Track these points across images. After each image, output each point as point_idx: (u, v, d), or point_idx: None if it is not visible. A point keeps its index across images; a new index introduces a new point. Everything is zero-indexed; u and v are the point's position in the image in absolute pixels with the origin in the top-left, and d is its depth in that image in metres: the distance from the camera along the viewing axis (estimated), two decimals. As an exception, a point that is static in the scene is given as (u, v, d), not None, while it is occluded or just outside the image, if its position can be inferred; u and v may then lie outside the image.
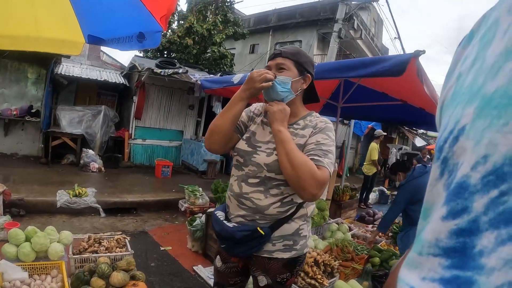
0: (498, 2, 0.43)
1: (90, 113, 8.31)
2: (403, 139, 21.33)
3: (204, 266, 3.68)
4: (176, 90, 9.46)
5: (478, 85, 0.38)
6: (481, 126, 0.35)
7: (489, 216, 0.33)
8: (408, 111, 4.95)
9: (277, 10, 17.14)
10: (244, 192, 1.57)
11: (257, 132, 1.64)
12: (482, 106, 0.36)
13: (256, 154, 1.56)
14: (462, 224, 0.35)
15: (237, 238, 1.53)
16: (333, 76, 3.48)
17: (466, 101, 0.39)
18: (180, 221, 5.34)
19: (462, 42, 0.50)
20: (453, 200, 0.37)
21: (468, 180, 0.36)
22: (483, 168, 0.34)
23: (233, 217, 1.63)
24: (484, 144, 0.35)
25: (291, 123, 1.60)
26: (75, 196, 5.09)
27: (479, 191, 0.34)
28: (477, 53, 0.42)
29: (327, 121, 1.61)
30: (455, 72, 0.47)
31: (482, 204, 0.34)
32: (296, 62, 1.58)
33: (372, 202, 8.88)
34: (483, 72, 0.39)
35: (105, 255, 3.03)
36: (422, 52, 2.59)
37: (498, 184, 0.33)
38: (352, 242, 4.07)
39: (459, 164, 0.38)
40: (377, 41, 18.41)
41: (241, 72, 11.27)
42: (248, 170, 1.58)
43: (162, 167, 8.02)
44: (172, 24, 12.70)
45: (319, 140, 1.51)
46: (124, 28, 2.31)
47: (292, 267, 1.62)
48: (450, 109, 0.43)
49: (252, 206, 1.55)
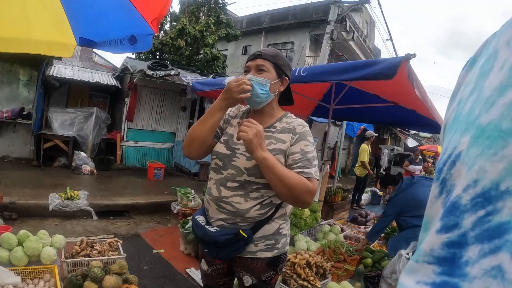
0: (499, 29, 0.46)
1: (82, 115, 8.27)
2: (395, 140, 21.50)
3: (197, 269, 3.67)
4: (168, 92, 9.44)
5: (474, 115, 0.42)
6: (474, 153, 0.39)
7: (476, 232, 0.37)
8: (400, 113, 4.98)
9: (269, 12, 17.14)
10: (223, 196, 1.57)
11: (235, 134, 1.59)
12: (477, 136, 0.40)
13: (236, 158, 1.57)
14: (453, 237, 0.40)
15: (219, 242, 1.55)
16: (324, 79, 3.50)
17: (464, 129, 0.43)
18: (172, 224, 5.32)
19: (465, 66, 0.53)
20: (447, 216, 0.41)
21: (460, 200, 0.40)
22: (473, 190, 0.38)
23: (214, 221, 1.63)
24: (475, 170, 0.39)
25: (268, 126, 1.62)
26: (67, 199, 5.06)
27: (468, 210, 0.39)
28: (476, 82, 0.46)
29: (304, 124, 1.64)
30: (457, 97, 0.50)
31: (470, 221, 0.38)
32: (275, 64, 1.60)
33: (364, 203, 8.93)
34: (480, 104, 0.42)
35: (98, 259, 3.02)
36: (413, 56, 2.61)
37: (485, 205, 0.37)
38: (344, 243, 4.10)
39: (454, 185, 0.42)
40: (369, 42, 18.50)
41: (233, 73, 11.30)
42: (227, 174, 1.58)
43: (154, 169, 7.99)
44: (165, 25, 12.66)
45: (303, 149, 1.54)
46: (115, 31, 2.31)
47: (275, 266, 1.66)
48: (450, 133, 0.47)
49: (232, 210, 1.56)
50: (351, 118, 7.23)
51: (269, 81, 1.57)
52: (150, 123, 9.41)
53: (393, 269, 3.16)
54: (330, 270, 3.36)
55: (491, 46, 0.46)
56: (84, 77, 8.80)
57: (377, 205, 9.06)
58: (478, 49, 0.50)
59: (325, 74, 3.37)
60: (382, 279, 3.26)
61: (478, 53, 0.50)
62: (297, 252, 3.39)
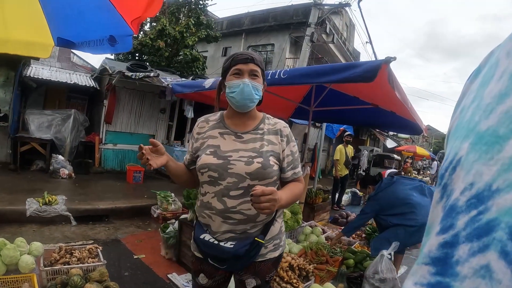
0: (503, 41, 0.47)
1: (60, 117, 8.06)
2: (374, 140, 21.83)
3: (179, 274, 3.62)
4: (147, 94, 9.32)
5: (474, 122, 0.44)
6: (472, 158, 0.41)
7: (467, 231, 0.38)
8: (379, 114, 5.05)
9: (250, 14, 17.15)
10: (230, 206, 1.53)
11: (221, 144, 1.61)
12: (475, 142, 0.42)
13: (232, 165, 1.54)
14: (447, 237, 0.41)
15: (241, 255, 1.54)
16: (304, 82, 3.51)
17: (464, 136, 0.45)
18: (153, 228, 5.23)
19: (470, 76, 0.54)
20: (445, 219, 0.43)
21: (457, 202, 0.41)
22: (469, 193, 0.40)
23: (220, 235, 1.58)
24: (472, 173, 0.40)
25: (254, 128, 1.66)
26: (45, 204, 4.90)
27: (463, 211, 0.40)
28: (477, 91, 0.48)
29: (286, 125, 1.72)
30: (461, 105, 0.52)
31: (463, 221, 0.39)
32: (262, 71, 1.66)
33: (345, 204, 9.01)
34: (480, 111, 0.44)
35: (77, 266, 2.94)
36: (393, 59, 2.64)
37: (477, 205, 0.38)
38: (326, 245, 4.11)
39: (453, 190, 0.43)
40: (349, 45, 18.75)
41: (213, 75, 11.25)
42: (226, 183, 1.54)
43: (133, 173, 7.87)
44: (144, 26, 12.53)
45: (292, 150, 1.67)
46: (94, 31, 2.25)
47: (277, 264, 1.74)
48: (452, 140, 0.49)
49: (243, 218, 1.54)
50: (331, 120, 7.27)
51: (262, 86, 1.65)
52: (129, 126, 9.25)
53: (375, 269, 3.19)
54: (312, 272, 3.36)
55: (493, 57, 0.48)
56: (61, 78, 8.59)
57: (358, 205, 9.15)
58: (483, 60, 0.52)
59: (306, 76, 3.38)
60: (365, 279, 3.28)
61: (482, 63, 0.52)
62: (279, 255, 3.38)
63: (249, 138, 1.61)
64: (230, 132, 1.63)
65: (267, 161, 1.54)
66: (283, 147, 1.63)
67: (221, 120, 1.71)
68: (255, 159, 1.53)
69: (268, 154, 1.57)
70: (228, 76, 1.63)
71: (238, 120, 1.66)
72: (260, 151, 1.56)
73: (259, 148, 1.57)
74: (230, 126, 1.66)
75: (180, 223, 3.93)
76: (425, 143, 40.07)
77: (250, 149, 1.57)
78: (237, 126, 1.66)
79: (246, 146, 1.58)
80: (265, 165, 1.53)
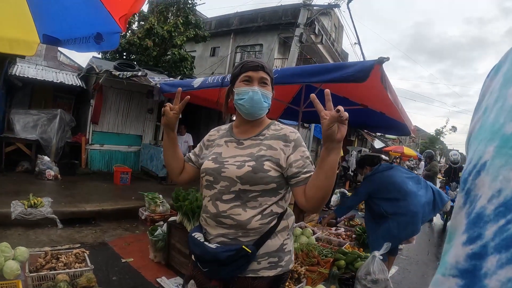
0: None
1: (46, 117, 7.88)
2: (362, 141, 21.97)
3: (168, 278, 3.55)
4: (135, 94, 9.20)
5: (499, 124, 0.42)
6: (499, 164, 0.39)
7: (495, 241, 0.37)
8: (368, 115, 5.06)
9: (239, 14, 17.12)
10: (221, 210, 1.51)
11: (223, 151, 1.62)
12: (501, 146, 0.40)
13: (225, 168, 1.52)
14: (476, 249, 0.39)
15: (221, 259, 1.45)
16: (295, 81, 3.49)
17: (488, 139, 0.43)
18: (141, 230, 5.14)
19: (490, 74, 0.53)
20: (472, 228, 0.41)
21: (484, 211, 0.40)
22: (497, 200, 0.38)
23: (213, 238, 1.54)
24: (500, 180, 0.38)
25: (256, 134, 1.62)
26: (30, 206, 4.75)
27: (491, 220, 0.38)
28: (500, 90, 0.46)
29: (295, 131, 1.62)
30: (483, 105, 0.50)
31: (492, 231, 0.38)
32: (271, 79, 1.65)
33: (334, 204, 9.02)
34: (504, 112, 0.43)
35: (64, 272, 2.86)
36: (386, 59, 2.64)
37: (506, 214, 0.37)
38: (317, 246, 4.09)
39: (478, 195, 0.41)
40: (338, 46, 18.84)
41: (201, 75, 11.18)
42: (220, 187, 1.52)
43: (120, 174, 7.74)
44: (132, 25, 12.38)
45: (302, 155, 1.53)
46: (81, 28, 2.18)
47: (276, 286, 1.56)
48: (475, 143, 0.47)
49: (233, 223, 1.49)
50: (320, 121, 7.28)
51: (271, 94, 1.63)
52: (116, 126, 9.11)
53: (367, 270, 3.18)
54: (304, 274, 3.33)
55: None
56: (48, 77, 8.44)
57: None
58: (503, 57, 0.50)
59: (297, 76, 3.36)
60: (357, 280, 3.27)
61: (502, 60, 0.50)
62: (270, 257, 3.34)
63: (249, 144, 1.59)
64: (233, 140, 1.64)
65: (260, 165, 1.48)
66: (288, 153, 1.53)
67: (230, 129, 1.72)
68: (247, 163, 1.49)
69: (263, 158, 1.50)
70: (237, 83, 1.61)
71: (244, 128, 1.66)
72: (255, 156, 1.52)
73: (255, 152, 1.53)
74: (236, 134, 1.66)
75: (169, 226, 3.86)
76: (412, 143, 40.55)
77: (246, 154, 1.54)
78: (242, 133, 1.65)
79: (244, 151, 1.56)
80: (256, 169, 1.47)
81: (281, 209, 1.57)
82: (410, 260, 5.30)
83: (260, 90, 1.57)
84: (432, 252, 6.00)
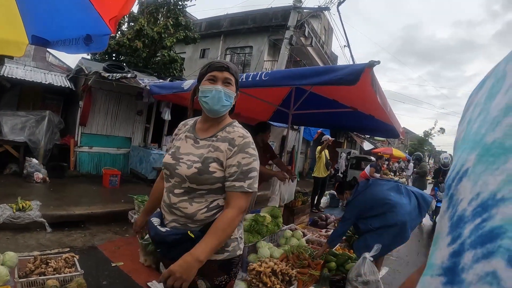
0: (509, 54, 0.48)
1: (34, 118, 7.77)
2: (351, 143, 22.11)
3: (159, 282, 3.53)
4: (124, 95, 9.12)
5: (481, 134, 0.45)
6: (479, 170, 0.42)
7: (471, 238, 0.40)
8: (357, 118, 5.10)
9: (229, 15, 17.11)
10: (172, 202, 1.67)
11: (181, 146, 1.75)
12: (482, 154, 0.43)
13: (179, 166, 1.66)
14: (456, 247, 0.42)
15: (168, 241, 1.62)
16: (286, 84, 3.50)
17: (471, 148, 0.46)
18: (130, 234, 5.07)
19: (476, 89, 0.55)
20: (454, 230, 0.43)
21: (465, 213, 0.42)
22: (475, 202, 0.41)
23: (168, 223, 1.72)
24: (479, 184, 0.41)
25: (211, 135, 1.72)
26: (18, 210, 4.67)
27: (469, 220, 0.41)
28: (484, 104, 0.49)
29: (245, 136, 1.69)
30: (467, 117, 0.54)
31: (469, 229, 0.40)
32: (236, 80, 1.76)
33: (324, 206, 9.06)
34: (486, 123, 0.45)
35: (54, 277, 2.82)
36: (377, 63, 2.65)
37: (482, 213, 0.39)
38: (307, 248, 4.10)
39: (459, 199, 0.44)
40: (327, 48, 18.94)
41: (191, 77, 11.13)
42: (174, 182, 1.69)
43: (110, 176, 7.67)
44: (122, 26, 12.27)
45: (239, 161, 1.62)
46: (70, 29, 2.16)
47: (228, 269, 1.72)
48: (459, 151, 0.50)
49: (181, 215, 1.66)
50: (309, 123, 7.31)
51: (234, 94, 1.74)
52: (105, 128, 9.03)
53: (358, 272, 3.20)
54: (295, 276, 3.33)
55: (500, 69, 0.49)
56: (36, 78, 8.34)
57: (336, 207, 9.26)
58: (489, 71, 0.53)
59: (287, 78, 3.36)
60: (348, 282, 3.29)
61: (488, 75, 0.53)
62: (261, 260, 3.34)
63: (202, 144, 1.70)
64: (192, 137, 1.75)
65: (205, 167, 1.60)
66: (229, 156, 1.63)
67: (193, 124, 1.84)
68: (194, 164, 1.62)
69: (209, 160, 1.62)
70: (203, 81, 1.73)
71: (205, 125, 1.77)
72: (203, 157, 1.63)
73: (204, 153, 1.64)
74: (197, 130, 1.78)
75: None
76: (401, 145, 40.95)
77: (197, 154, 1.66)
78: (202, 131, 1.76)
79: (196, 151, 1.68)
80: (201, 171, 1.60)
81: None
82: (400, 261, 5.34)
83: (223, 90, 1.68)
84: (422, 253, 6.06)
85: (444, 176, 8.77)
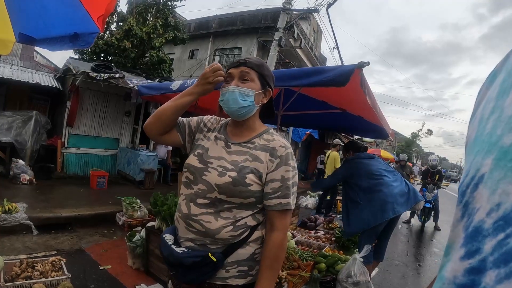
0: None
1: (20, 119, 7.67)
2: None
3: (147, 285, 3.47)
4: (112, 96, 9.04)
5: (496, 136, 0.41)
6: (497, 177, 0.39)
7: (494, 256, 0.36)
8: (346, 119, 5.12)
9: (218, 16, 17.08)
10: (192, 213, 1.44)
11: (210, 148, 1.53)
12: (499, 158, 0.39)
13: (207, 172, 1.45)
14: (474, 263, 0.39)
15: (186, 264, 1.41)
16: (276, 85, 3.47)
17: (486, 151, 0.42)
18: (118, 236, 5.03)
19: (485, 82, 0.52)
20: (470, 242, 0.40)
21: (483, 225, 0.39)
22: (496, 214, 0.38)
23: (183, 241, 1.50)
24: (499, 193, 0.38)
25: (246, 141, 1.52)
26: (4, 212, 4.58)
27: (490, 234, 0.38)
28: (497, 100, 0.45)
29: (286, 145, 1.51)
30: (478, 115, 0.50)
31: (491, 246, 0.37)
32: (260, 74, 1.51)
33: (312, 208, 9.05)
34: (502, 123, 0.41)
35: (40, 281, 2.77)
36: (367, 64, 2.66)
37: (505, 228, 0.36)
38: (297, 249, 4.09)
39: (476, 209, 0.41)
40: (316, 50, 19.03)
41: (179, 77, 11.07)
42: (197, 189, 1.46)
43: (97, 178, 7.59)
44: (111, 25, 12.14)
45: (283, 175, 1.44)
46: (57, 27, 2.11)
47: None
48: (472, 154, 0.46)
49: (202, 230, 1.43)
50: (298, 124, 7.32)
51: (253, 91, 1.48)
52: (93, 129, 8.93)
53: (348, 272, 3.20)
54: (285, 278, 3.32)
55: (511, 61, 0.45)
56: (23, 78, 8.23)
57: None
58: (499, 64, 0.49)
59: (278, 79, 3.30)
60: (338, 283, 3.28)
61: (498, 68, 0.49)
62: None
63: (236, 150, 1.49)
64: (223, 139, 1.55)
65: (242, 178, 1.40)
66: (271, 168, 1.44)
67: (225, 125, 1.63)
68: (228, 172, 1.41)
69: (246, 170, 1.42)
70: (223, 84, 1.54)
71: (236, 129, 1.57)
72: (238, 165, 1.43)
73: (240, 162, 1.44)
74: (228, 133, 1.58)
75: (147, 231, 3.78)
76: (389, 146, 41.30)
77: (230, 161, 1.46)
78: (234, 135, 1.56)
79: (229, 157, 1.47)
80: (237, 181, 1.39)
81: (256, 221, 1.49)
82: (389, 262, 5.37)
83: (236, 89, 1.47)
84: (411, 253, 6.10)
85: (432, 177, 8.90)
